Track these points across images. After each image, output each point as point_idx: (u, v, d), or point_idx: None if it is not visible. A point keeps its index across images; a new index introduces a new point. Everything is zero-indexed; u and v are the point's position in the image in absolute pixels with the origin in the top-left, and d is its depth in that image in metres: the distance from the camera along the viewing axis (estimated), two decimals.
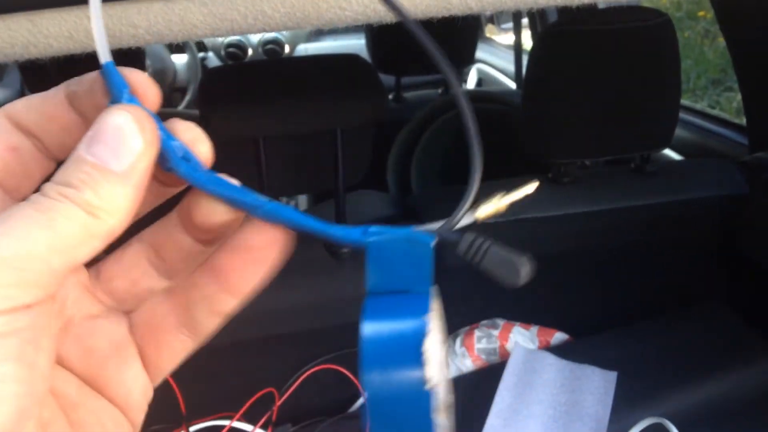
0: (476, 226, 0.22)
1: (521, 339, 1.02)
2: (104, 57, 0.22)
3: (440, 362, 0.20)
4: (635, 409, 0.87)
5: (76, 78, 0.23)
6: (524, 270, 0.21)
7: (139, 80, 0.22)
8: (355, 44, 2.73)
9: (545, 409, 0.89)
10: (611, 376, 0.92)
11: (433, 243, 0.21)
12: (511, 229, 0.96)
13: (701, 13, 3.87)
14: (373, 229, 0.22)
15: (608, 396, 0.89)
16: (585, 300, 1.11)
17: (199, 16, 0.29)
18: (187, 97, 2.53)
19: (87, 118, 0.23)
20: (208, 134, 0.23)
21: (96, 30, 0.21)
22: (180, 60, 2.57)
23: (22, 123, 0.23)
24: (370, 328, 0.20)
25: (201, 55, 2.61)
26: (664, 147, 1.06)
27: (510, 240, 1.00)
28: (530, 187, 0.23)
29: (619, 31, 0.95)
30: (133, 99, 0.21)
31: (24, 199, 0.22)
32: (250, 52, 2.64)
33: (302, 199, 1.99)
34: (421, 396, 0.20)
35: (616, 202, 1.02)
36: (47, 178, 0.22)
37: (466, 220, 0.22)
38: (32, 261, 0.19)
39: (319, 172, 1.01)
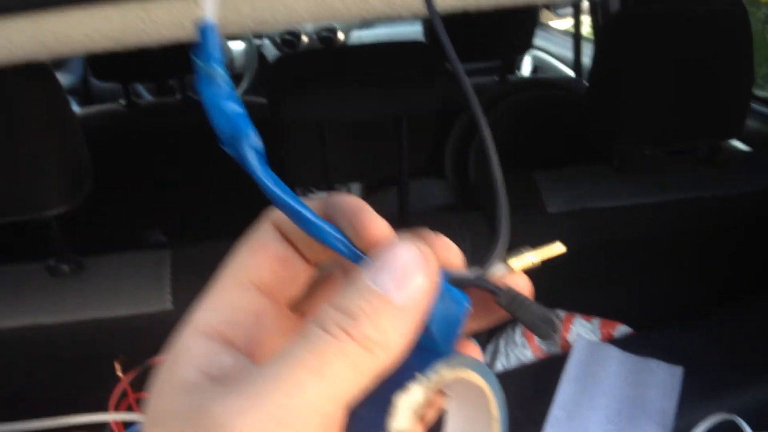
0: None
1: (583, 331, 1.01)
2: (209, 16, 0.20)
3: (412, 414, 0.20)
4: (703, 405, 0.85)
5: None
6: (558, 328, 0.23)
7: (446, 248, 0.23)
8: (409, 31, 2.72)
9: (609, 402, 0.88)
10: (677, 371, 0.90)
11: (467, 305, 0.22)
12: (577, 219, 0.95)
13: None
14: None
15: (674, 391, 0.88)
16: (650, 292, 1.08)
17: (302, 3, 0.30)
18: (244, 84, 2.56)
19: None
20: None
21: None
22: (236, 47, 2.60)
23: (287, 234, 0.23)
24: None
25: (257, 42, 2.63)
26: (736, 136, 1.03)
27: (575, 230, 0.99)
28: (559, 248, 0.24)
29: (691, 16, 0.92)
30: (222, 67, 0.20)
31: (292, 304, 0.24)
32: (305, 39, 2.66)
33: (355, 188, 1.99)
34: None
35: (685, 193, 0.99)
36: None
37: (499, 270, 0.23)
38: (305, 414, 0.18)
39: (380, 159, 1.02)
